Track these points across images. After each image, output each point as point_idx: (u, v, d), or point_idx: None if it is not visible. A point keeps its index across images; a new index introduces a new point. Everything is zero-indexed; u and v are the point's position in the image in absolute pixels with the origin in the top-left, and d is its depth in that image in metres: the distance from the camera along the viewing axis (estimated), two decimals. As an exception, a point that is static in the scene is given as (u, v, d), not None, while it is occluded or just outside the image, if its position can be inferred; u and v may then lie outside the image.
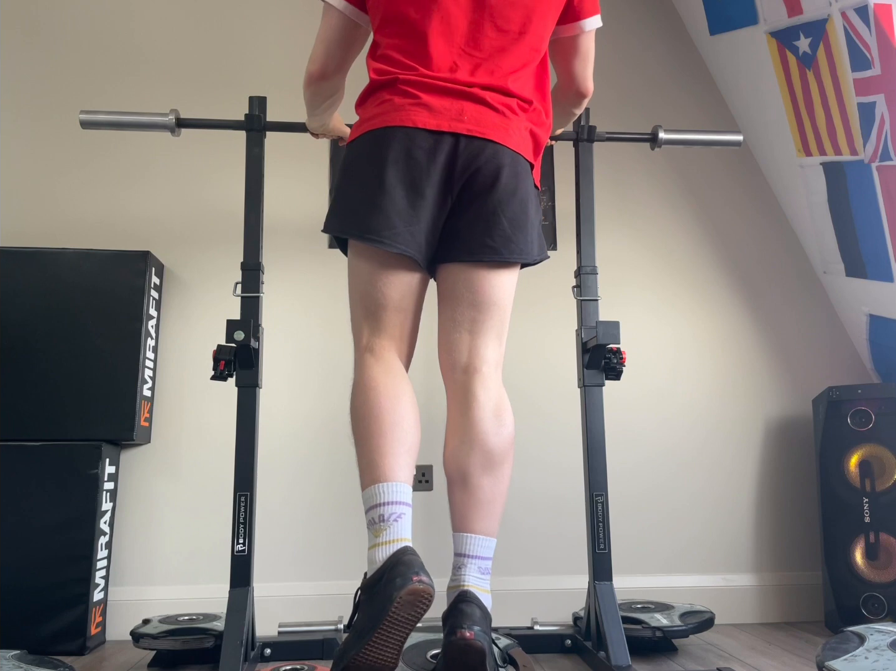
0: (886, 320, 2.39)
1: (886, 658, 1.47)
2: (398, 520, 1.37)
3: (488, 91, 1.49)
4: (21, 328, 2.22)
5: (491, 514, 1.49)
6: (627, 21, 2.74)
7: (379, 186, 1.46)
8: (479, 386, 1.52)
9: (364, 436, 1.45)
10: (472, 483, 1.48)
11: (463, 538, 1.47)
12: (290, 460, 2.43)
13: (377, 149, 1.48)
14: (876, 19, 1.95)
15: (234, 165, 2.47)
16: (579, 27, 1.62)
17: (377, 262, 1.52)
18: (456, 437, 1.50)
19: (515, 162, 1.51)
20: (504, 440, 1.50)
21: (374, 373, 1.49)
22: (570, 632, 2.10)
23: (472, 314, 1.54)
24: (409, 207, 1.47)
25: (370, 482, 1.40)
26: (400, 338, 1.55)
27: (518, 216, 1.51)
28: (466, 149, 1.47)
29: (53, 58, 2.56)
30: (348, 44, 1.60)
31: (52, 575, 2.09)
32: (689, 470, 2.54)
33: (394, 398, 1.46)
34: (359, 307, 1.56)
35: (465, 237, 1.51)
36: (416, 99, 1.47)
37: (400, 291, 1.53)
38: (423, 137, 1.46)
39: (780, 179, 2.62)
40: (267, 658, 1.95)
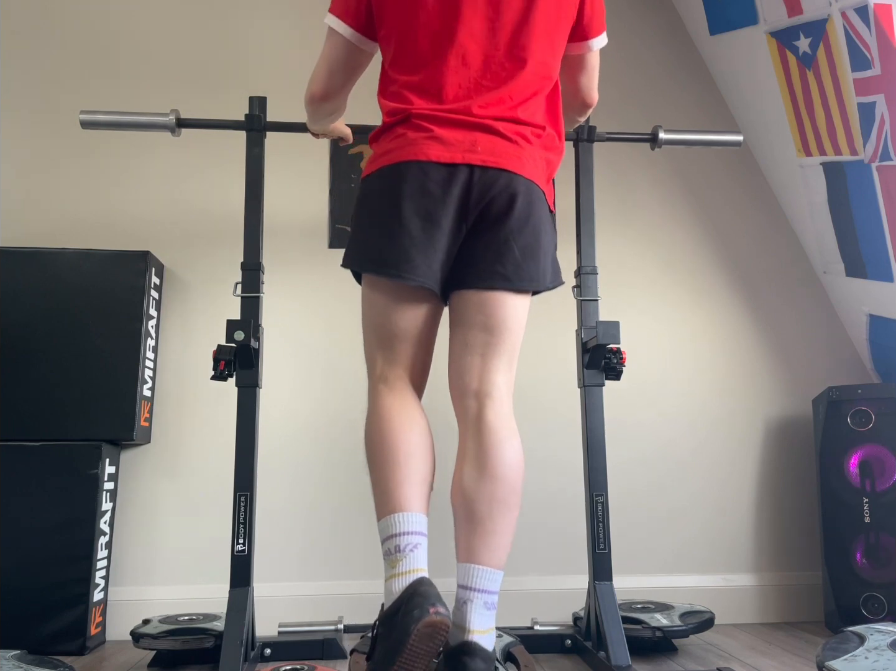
0: (886, 320, 2.39)
1: (886, 658, 1.47)
2: (414, 550, 1.36)
3: (500, 121, 1.49)
4: (21, 328, 2.22)
5: (499, 546, 1.45)
6: (628, 21, 2.74)
7: (396, 221, 1.47)
8: (491, 414, 1.50)
9: (379, 466, 1.45)
10: (481, 513, 1.44)
11: (469, 570, 1.43)
12: (290, 460, 2.43)
13: (392, 184, 1.48)
14: (876, 19, 1.95)
15: (234, 165, 2.46)
16: (587, 46, 1.64)
17: (392, 295, 1.52)
18: (466, 465, 1.47)
19: (529, 190, 1.51)
20: (515, 471, 1.48)
21: (388, 403, 1.49)
22: (570, 632, 2.10)
23: (485, 337, 1.53)
24: (426, 239, 1.47)
25: (386, 513, 1.40)
26: (413, 369, 1.55)
27: (530, 244, 1.51)
28: (481, 179, 1.47)
29: (53, 58, 2.56)
30: (352, 68, 1.60)
31: (52, 575, 2.09)
32: (690, 470, 2.54)
33: (408, 429, 1.46)
34: (373, 337, 1.56)
35: (477, 265, 1.51)
36: (429, 132, 1.47)
37: (414, 323, 1.53)
38: (438, 170, 1.46)
39: (780, 179, 2.62)
40: (267, 658, 1.95)
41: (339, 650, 2.00)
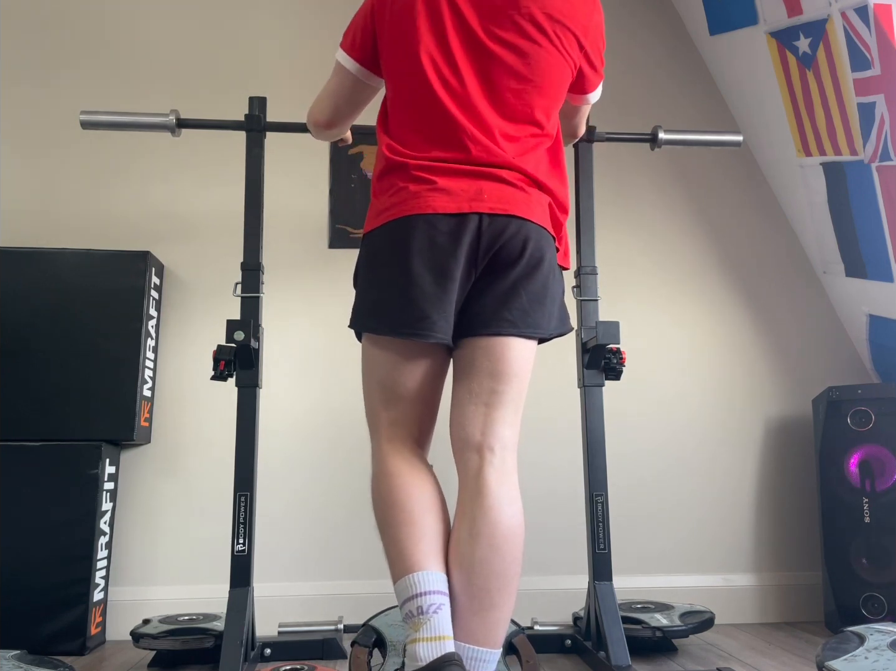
0: (886, 320, 2.39)
1: (886, 658, 1.47)
2: (438, 611, 1.29)
3: (503, 170, 1.45)
4: (21, 328, 2.22)
5: (498, 623, 1.37)
6: (627, 21, 2.74)
7: (407, 278, 1.41)
8: (493, 473, 1.42)
9: (391, 525, 1.38)
10: (478, 586, 1.35)
11: (464, 650, 1.34)
12: (289, 460, 2.43)
13: (399, 240, 1.43)
14: (876, 19, 1.95)
15: (234, 165, 2.47)
16: (584, 100, 1.67)
17: (399, 354, 1.46)
18: (464, 530, 1.39)
19: (540, 235, 1.47)
20: (514, 540, 1.40)
21: (396, 462, 1.44)
22: (570, 632, 2.10)
23: (491, 385, 1.47)
24: (440, 293, 1.42)
25: (402, 573, 1.33)
26: (420, 427, 1.50)
27: (538, 291, 1.47)
28: (490, 226, 1.42)
29: (54, 58, 2.56)
30: (358, 102, 1.61)
31: (52, 575, 2.09)
32: (690, 470, 2.54)
33: (419, 486, 1.41)
34: (377, 397, 1.50)
35: (484, 311, 1.46)
36: (431, 184, 1.43)
37: (421, 382, 1.48)
38: (445, 222, 1.41)
39: (780, 179, 2.62)
40: (267, 658, 1.95)
41: (339, 650, 2.00)
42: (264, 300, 2.01)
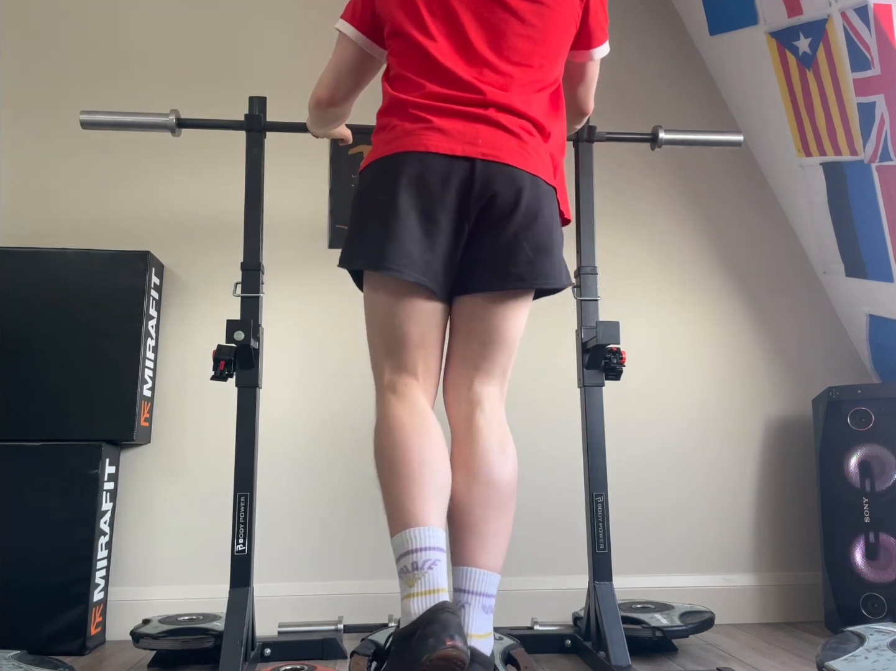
0: (886, 320, 2.39)
1: (886, 658, 1.47)
2: (433, 567, 1.28)
3: (503, 113, 1.43)
4: (21, 328, 2.22)
5: (496, 549, 1.41)
6: (627, 21, 2.74)
7: (392, 213, 1.40)
8: (482, 420, 1.47)
9: (391, 478, 1.37)
10: (475, 518, 1.40)
11: (466, 573, 1.38)
12: (290, 460, 2.43)
13: (389, 175, 1.41)
14: (876, 19, 1.95)
15: (234, 165, 2.46)
16: (589, 55, 1.62)
17: (395, 295, 1.45)
18: (458, 471, 1.43)
19: (536, 185, 1.44)
20: (508, 474, 1.45)
21: (398, 412, 1.42)
22: (570, 632, 2.10)
23: (483, 351, 1.49)
24: (423, 236, 1.40)
25: (400, 527, 1.32)
26: (423, 375, 1.48)
27: (543, 240, 1.45)
28: (482, 173, 1.40)
29: (53, 58, 2.56)
30: (360, 74, 1.59)
31: (52, 575, 2.09)
32: (690, 470, 2.54)
33: (421, 437, 1.39)
34: (378, 344, 1.50)
35: (485, 266, 1.44)
36: (427, 123, 1.41)
37: (420, 326, 1.46)
38: (437, 162, 1.39)
39: (780, 179, 2.62)
40: (267, 658, 1.95)
41: (339, 650, 2.00)
42: (264, 300, 2.01)
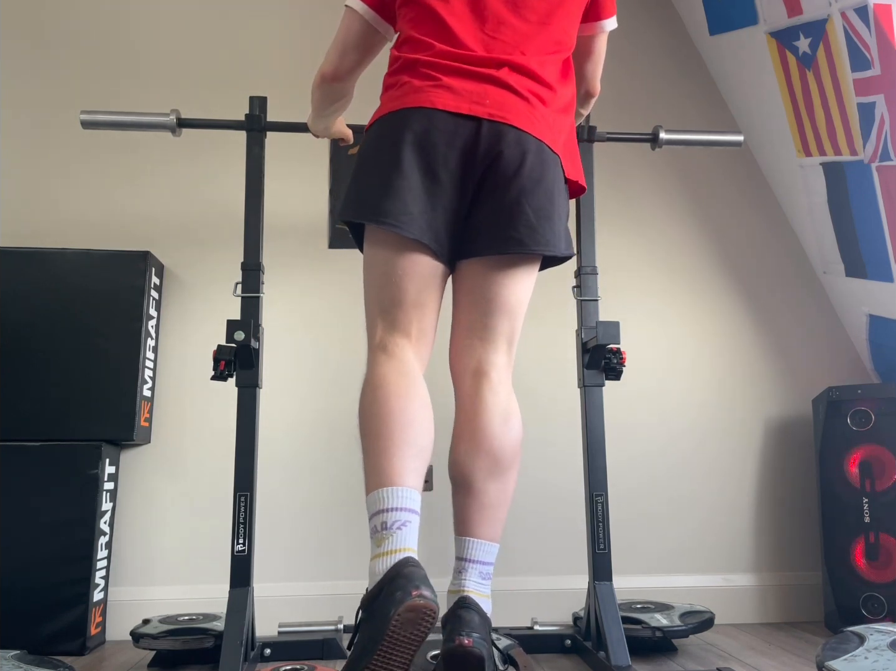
0: (886, 320, 2.39)
1: (886, 658, 1.47)
2: (402, 527, 1.27)
3: (514, 73, 1.42)
4: (21, 328, 2.22)
5: (494, 519, 1.45)
6: (627, 21, 2.73)
7: (395, 168, 1.38)
8: (487, 390, 1.47)
9: (371, 436, 1.35)
10: (477, 487, 1.43)
11: (465, 542, 1.44)
12: (290, 460, 2.43)
13: (394, 130, 1.40)
14: (876, 19, 1.95)
15: (234, 165, 2.47)
16: (599, 27, 1.62)
17: (393, 251, 1.43)
18: (463, 441, 1.45)
19: (541, 150, 1.42)
20: (512, 444, 1.46)
21: (385, 371, 1.40)
22: (570, 632, 2.10)
23: (486, 320, 1.48)
24: (425, 193, 1.39)
25: (375, 486, 1.31)
26: (416, 337, 1.47)
27: (544, 206, 1.43)
28: (488, 133, 1.38)
29: (53, 58, 2.56)
30: (365, 49, 1.57)
31: (52, 575, 2.09)
32: (690, 470, 2.54)
33: (405, 398, 1.37)
34: (373, 301, 1.48)
35: (486, 229, 1.43)
36: (436, 81, 1.40)
37: (417, 284, 1.44)
38: (443, 119, 1.38)
39: (780, 179, 2.62)
40: (267, 658, 1.95)
41: (339, 650, 2.00)
42: (264, 300, 2.01)
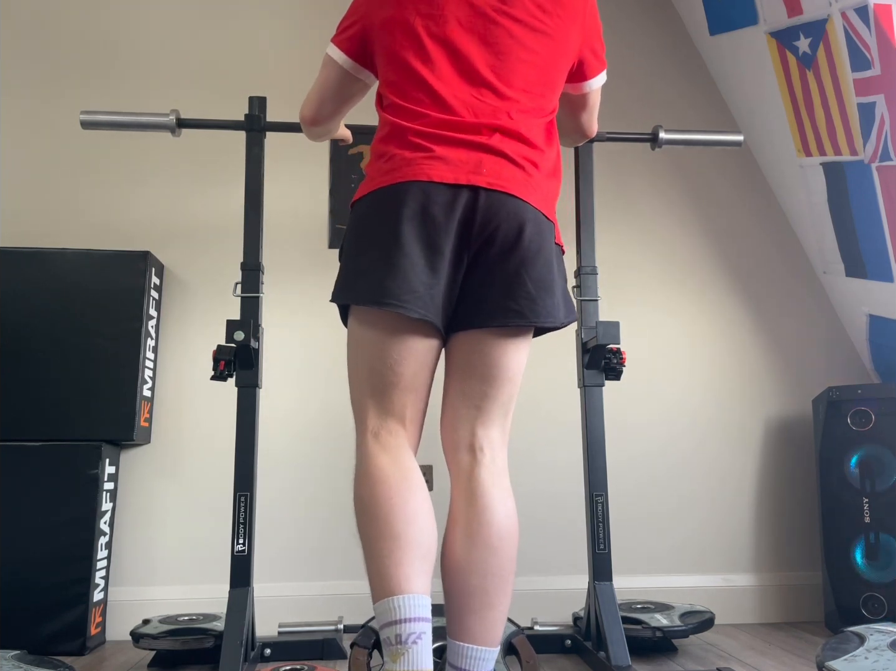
0: (886, 320, 2.39)
1: (886, 658, 1.47)
2: (417, 642, 1.22)
3: (506, 139, 1.38)
4: (21, 328, 2.22)
5: (495, 621, 1.35)
6: (627, 21, 2.73)
7: (395, 245, 1.32)
8: (484, 471, 1.39)
9: (373, 537, 1.29)
10: (474, 586, 1.33)
11: (462, 650, 1.32)
12: (290, 460, 2.43)
13: (390, 206, 1.35)
14: (876, 19, 1.95)
15: (234, 165, 2.47)
16: (587, 87, 1.59)
17: (390, 333, 1.37)
18: (458, 530, 1.36)
19: (538, 219, 1.39)
20: (510, 539, 1.38)
21: (381, 462, 1.34)
22: (570, 632, 2.10)
23: (484, 389, 1.43)
24: (427, 268, 1.33)
25: (383, 594, 1.25)
26: (410, 421, 1.40)
27: (543, 277, 1.39)
28: (486, 203, 1.34)
29: (53, 58, 2.56)
30: (345, 97, 1.55)
31: (52, 575, 2.09)
32: (690, 470, 2.54)
33: (406, 492, 1.31)
34: (363, 384, 1.41)
35: (485, 301, 1.38)
36: (429, 152, 1.35)
37: (412, 367, 1.38)
38: (440, 192, 1.33)
39: (780, 179, 2.62)
40: (267, 658, 1.95)
41: (339, 650, 2.00)
42: (264, 300, 2.01)
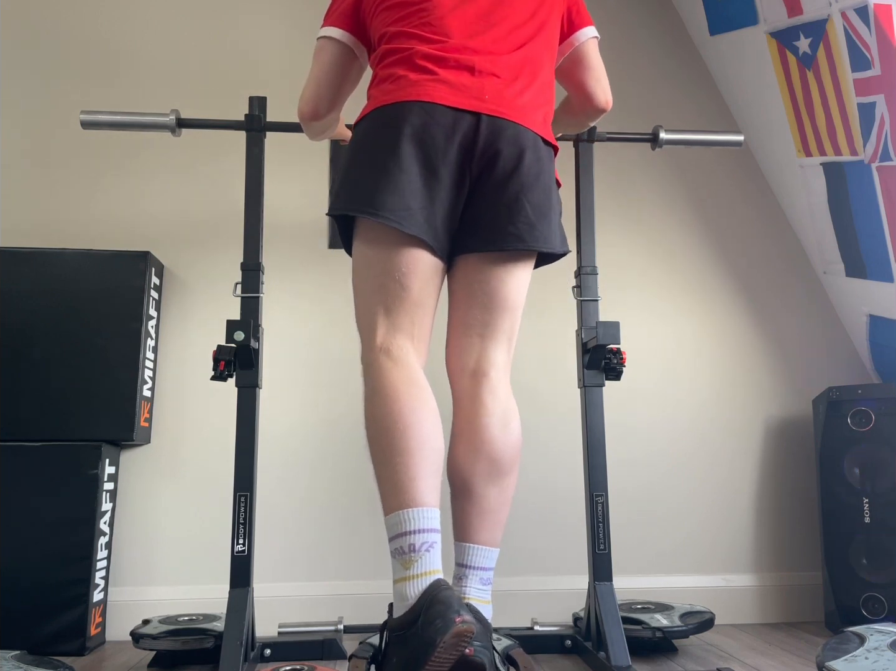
0: (886, 320, 2.39)
1: (886, 658, 1.47)
2: (430, 549, 1.25)
3: (508, 67, 1.41)
4: (21, 328, 2.22)
5: (494, 524, 1.43)
6: (627, 21, 2.73)
7: (393, 161, 1.34)
8: (486, 392, 1.44)
9: (387, 454, 1.30)
10: (477, 492, 1.41)
11: (465, 548, 1.42)
12: (289, 460, 2.43)
13: (391, 123, 1.36)
14: (876, 19, 1.95)
15: (234, 165, 2.47)
16: (575, 38, 1.60)
17: (394, 247, 1.37)
18: (461, 444, 1.43)
19: (537, 146, 1.42)
20: (511, 448, 1.44)
21: (394, 379, 1.34)
22: (570, 632, 2.10)
23: (485, 317, 1.46)
24: (424, 188, 1.35)
25: (396, 506, 1.27)
26: (418, 337, 1.42)
27: (542, 202, 1.42)
28: (487, 129, 1.36)
29: (54, 58, 2.56)
30: (342, 80, 1.55)
31: (52, 575, 2.09)
32: (690, 470, 2.54)
33: (419, 410, 1.32)
34: (372, 301, 1.41)
35: (485, 225, 1.41)
36: (433, 74, 1.37)
37: (419, 282, 1.39)
38: (442, 113, 1.35)
39: (780, 179, 2.62)
40: (267, 658, 1.95)
41: (339, 650, 2.00)
42: (264, 300, 2.01)
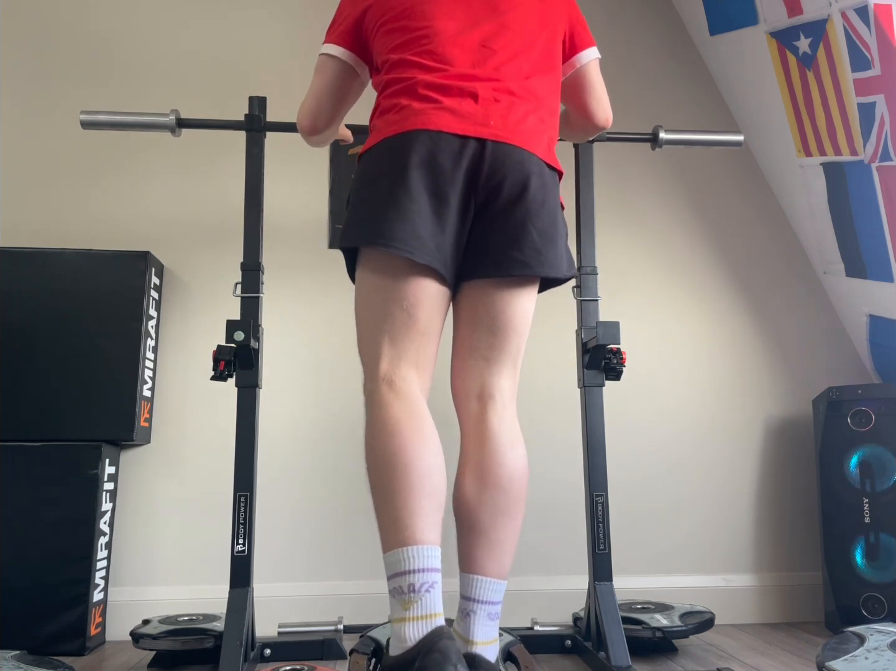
0: (886, 320, 2.39)
1: (886, 658, 1.47)
2: (430, 590, 1.23)
3: (511, 94, 1.42)
4: (21, 328, 2.22)
5: (503, 556, 1.39)
6: (628, 21, 2.73)
7: (402, 190, 1.35)
8: (494, 418, 1.42)
9: (388, 488, 1.28)
10: (485, 523, 1.37)
11: (472, 580, 1.37)
12: (289, 460, 2.43)
13: (398, 153, 1.37)
14: (876, 19, 1.95)
15: (234, 165, 2.47)
16: (577, 59, 1.61)
17: (402, 277, 1.38)
18: (468, 473, 1.40)
19: (542, 171, 1.42)
20: (519, 475, 1.41)
21: (396, 412, 1.33)
22: (570, 632, 2.10)
23: (490, 340, 1.45)
24: (433, 217, 1.36)
25: (395, 544, 1.26)
26: (423, 365, 1.41)
27: (548, 228, 1.42)
28: (492, 155, 1.37)
29: (54, 58, 2.56)
30: (342, 96, 1.57)
31: (52, 575, 2.09)
32: (690, 470, 2.54)
33: (421, 445, 1.30)
34: (377, 330, 1.40)
35: (491, 251, 1.40)
36: (437, 103, 1.38)
37: (427, 312, 1.39)
38: (448, 141, 1.36)
39: (780, 179, 2.62)
40: (267, 658, 1.95)
41: (339, 650, 2.00)
42: (264, 300, 2.01)
